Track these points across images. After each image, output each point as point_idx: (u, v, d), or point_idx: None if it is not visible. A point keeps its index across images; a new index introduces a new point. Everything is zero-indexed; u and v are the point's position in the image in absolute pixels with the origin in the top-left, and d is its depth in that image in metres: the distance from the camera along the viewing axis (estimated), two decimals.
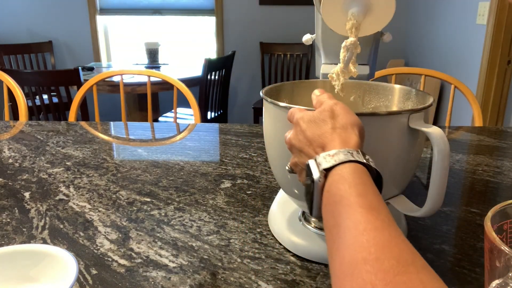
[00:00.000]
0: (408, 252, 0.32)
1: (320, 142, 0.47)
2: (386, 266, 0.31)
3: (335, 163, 0.42)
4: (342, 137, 0.46)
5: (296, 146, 0.50)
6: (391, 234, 0.34)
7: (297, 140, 0.50)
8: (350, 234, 0.35)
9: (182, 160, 0.97)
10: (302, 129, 0.49)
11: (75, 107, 1.49)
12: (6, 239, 0.65)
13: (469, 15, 2.60)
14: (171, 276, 0.56)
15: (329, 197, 0.41)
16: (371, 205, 0.37)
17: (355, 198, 0.38)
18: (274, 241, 0.64)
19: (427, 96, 0.60)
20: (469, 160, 0.97)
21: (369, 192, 0.39)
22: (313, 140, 0.47)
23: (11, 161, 0.97)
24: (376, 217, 0.36)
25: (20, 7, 3.80)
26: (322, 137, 0.47)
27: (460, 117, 2.66)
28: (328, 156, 0.44)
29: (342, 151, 0.43)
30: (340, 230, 0.36)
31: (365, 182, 0.40)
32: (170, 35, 3.95)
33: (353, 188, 0.39)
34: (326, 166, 0.43)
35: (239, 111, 4.05)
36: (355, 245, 0.33)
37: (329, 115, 0.48)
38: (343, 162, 0.42)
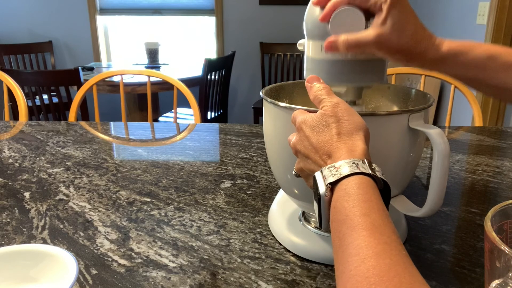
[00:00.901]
0: (409, 279, 0.33)
1: (326, 150, 0.46)
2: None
3: (340, 177, 0.42)
4: (348, 145, 0.45)
5: (301, 152, 0.49)
6: (392, 260, 0.34)
7: (302, 146, 0.49)
8: (352, 261, 0.35)
9: (182, 160, 0.97)
10: (306, 135, 0.48)
11: (75, 107, 1.49)
12: (6, 239, 0.65)
13: (469, 15, 2.60)
14: (171, 276, 0.56)
15: (335, 214, 0.41)
16: (375, 224, 0.37)
17: (358, 218, 0.38)
18: (274, 241, 0.64)
19: (427, 96, 0.60)
20: (469, 160, 0.97)
21: (373, 210, 0.39)
22: (318, 147, 0.46)
23: (11, 161, 0.97)
24: (379, 240, 0.36)
25: (20, 7, 3.80)
26: (328, 145, 0.46)
27: (460, 117, 2.66)
28: (334, 168, 0.43)
29: (347, 163, 0.43)
30: (344, 255, 0.37)
31: (370, 198, 0.40)
32: (170, 35, 3.95)
33: (357, 206, 0.39)
34: (331, 180, 0.42)
35: (239, 111, 4.05)
36: (356, 275, 0.34)
37: (333, 120, 0.47)
38: (349, 175, 0.42)
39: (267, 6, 3.73)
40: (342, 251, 0.37)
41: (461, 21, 2.73)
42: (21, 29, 3.83)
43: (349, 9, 0.51)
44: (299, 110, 0.52)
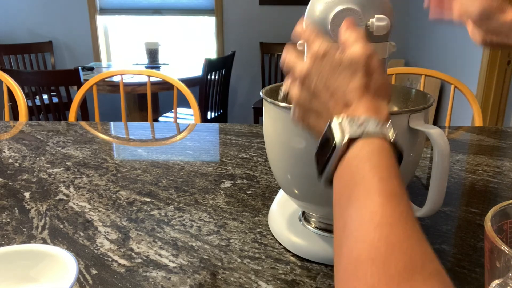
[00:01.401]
0: (420, 255, 0.30)
1: (346, 99, 0.41)
2: (392, 271, 0.29)
3: (363, 134, 0.38)
4: (373, 104, 0.40)
5: (312, 84, 0.43)
6: (406, 232, 0.31)
7: (317, 79, 0.43)
8: (363, 226, 0.32)
9: (182, 160, 0.97)
10: (325, 70, 0.43)
11: (75, 107, 1.49)
12: (6, 239, 0.65)
13: None
14: (171, 276, 0.56)
15: (347, 173, 0.37)
16: (392, 192, 0.34)
17: (377, 183, 0.34)
18: (274, 241, 0.64)
19: (427, 96, 0.60)
20: (469, 160, 0.97)
21: (392, 177, 0.35)
22: (337, 91, 0.41)
23: (11, 161, 0.97)
24: (395, 209, 0.33)
25: (20, 7, 3.80)
26: (350, 94, 0.41)
27: (460, 117, 2.66)
28: (357, 121, 0.38)
29: (372, 121, 0.38)
30: (353, 217, 0.33)
31: (390, 165, 0.36)
32: (170, 35, 3.95)
33: (376, 170, 0.35)
34: (354, 135, 0.38)
35: (239, 111, 4.05)
36: (366, 242, 0.31)
37: (363, 70, 0.41)
38: (372, 135, 0.38)
39: (267, 6, 3.73)
40: (349, 214, 0.34)
41: None
42: (21, 29, 3.83)
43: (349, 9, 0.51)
44: (316, 34, 0.46)
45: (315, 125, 0.45)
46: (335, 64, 0.42)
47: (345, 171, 0.38)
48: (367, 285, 0.28)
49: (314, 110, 0.44)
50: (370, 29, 0.51)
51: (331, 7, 0.52)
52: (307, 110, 0.45)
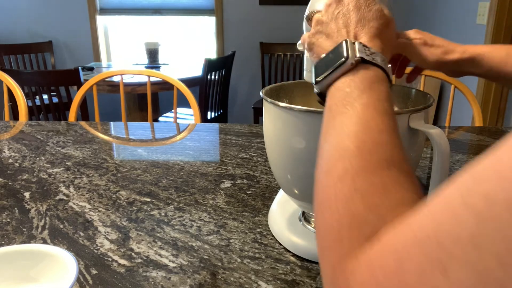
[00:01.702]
0: (400, 158, 0.33)
1: (359, 33, 0.45)
2: (374, 160, 0.32)
3: (370, 60, 0.41)
4: (382, 45, 0.44)
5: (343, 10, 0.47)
6: (391, 139, 0.35)
7: (347, 4, 0.47)
8: (355, 127, 0.35)
9: (182, 160, 0.97)
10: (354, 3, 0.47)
11: (75, 107, 1.49)
12: (6, 239, 0.65)
13: (469, 15, 2.60)
14: (171, 276, 0.56)
15: (349, 85, 0.40)
16: (386, 111, 0.37)
17: (375, 101, 0.38)
18: (274, 241, 0.64)
19: (427, 96, 0.60)
20: (469, 160, 0.97)
21: (388, 101, 0.39)
22: (358, 22, 0.46)
23: (11, 161, 0.97)
24: (385, 122, 0.36)
25: (20, 7, 3.80)
26: (363, 30, 0.45)
27: (460, 117, 2.66)
28: (368, 50, 0.42)
29: (380, 56, 0.42)
30: (346, 121, 0.36)
31: (387, 92, 0.40)
32: (170, 35, 3.95)
33: (376, 92, 0.39)
34: (365, 57, 0.41)
35: (239, 111, 4.05)
36: (356, 137, 0.34)
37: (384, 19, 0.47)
38: (379, 66, 0.41)
39: (267, 6, 3.73)
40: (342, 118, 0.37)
41: (461, 21, 2.73)
42: (21, 29, 3.83)
43: None
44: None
45: (321, 44, 0.48)
46: (367, 4, 0.47)
47: (346, 83, 0.40)
48: (352, 167, 0.32)
49: (326, 32, 0.48)
50: None
51: None
52: (321, 29, 0.49)
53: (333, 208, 0.31)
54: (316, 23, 0.50)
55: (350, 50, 0.41)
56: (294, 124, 0.55)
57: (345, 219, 0.30)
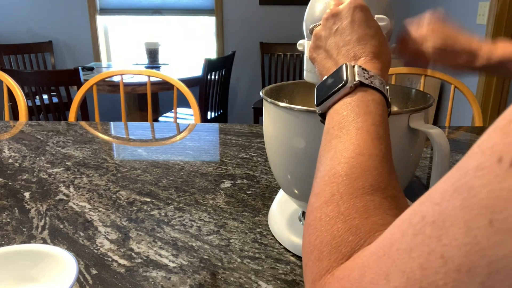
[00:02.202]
0: (386, 182, 0.35)
1: (358, 52, 0.45)
2: (359, 185, 0.34)
3: (370, 85, 0.42)
4: (381, 66, 0.45)
5: (341, 25, 0.47)
6: (380, 163, 0.36)
7: (343, 21, 0.47)
8: (346, 152, 0.37)
9: (182, 160, 0.97)
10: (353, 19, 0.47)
11: (75, 107, 1.49)
12: (6, 239, 0.65)
13: (469, 15, 2.60)
14: (171, 276, 0.56)
15: (346, 109, 0.41)
16: (379, 135, 0.39)
17: (369, 125, 0.39)
18: (274, 241, 0.64)
19: (427, 96, 0.60)
20: None
21: (383, 125, 0.40)
22: (355, 43, 0.46)
23: (11, 161, 0.97)
24: (377, 146, 0.38)
25: (20, 7, 3.80)
26: (364, 50, 0.45)
27: (460, 117, 2.66)
28: (367, 73, 0.42)
29: (378, 78, 0.43)
30: (339, 145, 0.38)
31: (383, 116, 0.41)
32: (170, 35, 3.95)
33: (372, 116, 0.40)
34: (363, 81, 0.42)
35: (239, 111, 4.05)
36: (346, 163, 0.36)
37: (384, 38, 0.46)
38: (377, 89, 0.42)
39: (267, 6, 3.73)
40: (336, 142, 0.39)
41: (461, 21, 2.73)
42: (21, 29, 3.83)
43: None
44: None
45: (321, 62, 0.49)
46: (364, 20, 0.46)
47: (344, 107, 0.42)
48: (338, 191, 0.35)
49: (326, 49, 0.48)
50: None
51: None
52: (320, 45, 0.49)
53: (318, 229, 0.34)
54: (316, 38, 0.50)
55: (349, 74, 0.42)
56: (294, 124, 0.55)
57: (326, 239, 0.32)
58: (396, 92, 0.69)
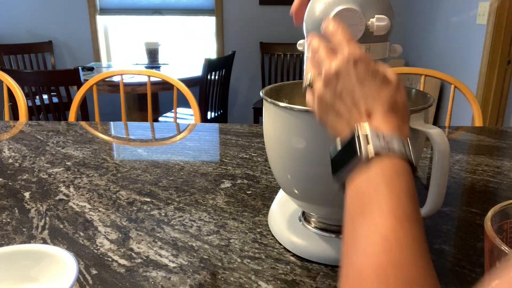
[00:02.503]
0: (422, 279, 0.32)
1: (370, 109, 0.41)
2: (391, 282, 0.31)
3: (387, 152, 0.38)
4: (397, 122, 0.41)
5: (339, 86, 0.43)
6: (413, 256, 0.33)
7: (345, 80, 0.43)
8: (374, 247, 0.34)
9: (182, 160, 0.97)
10: (355, 76, 0.43)
11: (75, 107, 1.49)
12: (6, 239, 0.65)
13: (469, 15, 2.60)
14: (171, 276, 0.56)
15: (366, 186, 0.38)
16: (407, 215, 0.35)
17: (393, 205, 0.35)
18: (274, 241, 0.64)
19: (427, 96, 0.60)
20: (469, 160, 0.97)
21: (409, 200, 0.36)
22: (363, 100, 0.42)
23: (11, 161, 0.97)
24: (406, 234, 0.34)
25: (20, 7, 3.80)
26: (376, 106, 0.41)
27: (460, 117, 2.66)
28: (381, 138, 0.39)
29: (397, 140, 0.39)
30: (364, 233, 0.35)
31: (409, 187, 0.37)
32: (170, 35, 3.95)
33: (395, 192, 0.36)
34: (381, 151, 0.38)
35: (239, 111, 4.05)
36: (375, 262, 0.33)
37: (393, 85, 0.42)
38: (394, 154, 0.38)
39: (267, 6, 3.73)
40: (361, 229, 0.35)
41: (461, 21, 2.73)
42: (21, 29, 3.83)
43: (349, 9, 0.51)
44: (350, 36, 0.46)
45: (332, 124, 0.46)
46: (368, 73, 0.43)
47: (363, 184, 0.38)
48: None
49: (335, 110, 0.44)
50: (370, 29, 0.51)
51: (331, 7, 0.52)
52: (328, 108, 0.45)
53: None
54: (320, 100, 0.46)
55: (363, 145, 0.39)
56: (294, 124, 0.55)
57: None
58: None
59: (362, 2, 0.51)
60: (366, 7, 0.51)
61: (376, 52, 0.54)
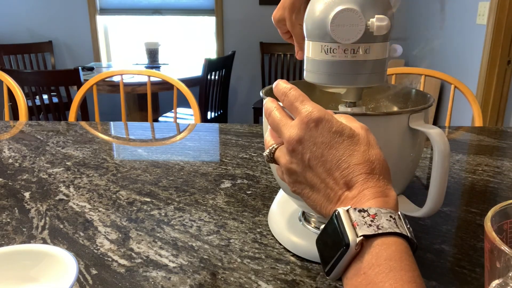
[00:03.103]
0: None
1: (347, 178, 0.36)
2: None
3: (377, 232, 0.33)
4: (380, 188, 0.36)
5: (306, 155, 0.38)
6: None
7: (311, 147, 0.38)
8: None
9: (182, 160, 0.97)
10: (320, 140, 0.38)
11: (75, 107, 1.49)
12: (6, 239, 0.65)
13: (469, 15, 2.60)
14: (171, 276, 0.56)
15: (364, 277, 0.33)
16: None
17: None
18: (274, 241, 0.64)
19: (427, 96, 0.60)
20: (469, 160, 0.97)
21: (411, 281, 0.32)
22: (337, 167, 0.37)
23: (11, 161, 0.97)
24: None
25: (20, 7, 3.80)
26: (352, 172, 0.36)
27: (460, 117, 2.66)
28: (367, 215, 0.34)
29: (383, 214, 0.34)
30: None
31: (410, 270, 0.33)
32: (170, 35, 3.95)
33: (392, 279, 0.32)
34: (367, 232, 0.33)
35: (239, 111, 4.05)
36: None
37: (364, 142, 0.38)
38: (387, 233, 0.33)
39: (267, 6, 3.73)
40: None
41: (461, 21, 2.73)
42: (21, 29, 3.83)
43: (349, 9, 0.51)
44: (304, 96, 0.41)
45: (310, 199, 0.41)
46: (332, 133, 0.38)
47: (361, 281, 0.33)
48: None
49: (308, 182, 0.40)
50: (370, 29, 0.51)
51: (331, 7, 0.52)
52: (299, 179, 0.41)
53: None
54: (290, 172, 0.41)
55: (348, 231, 0.34)
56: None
57: None
58: (396, 92, 0.69)
59: (362, 2, 0.51)
60: (366, 7, 0.51)
61: (376, 52, 0.54)
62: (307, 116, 0.39)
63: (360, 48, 0.53)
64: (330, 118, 0.39)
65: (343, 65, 0.55)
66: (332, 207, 0.38)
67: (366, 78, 0.57)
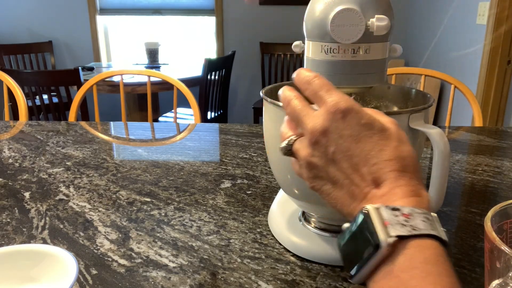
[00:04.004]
0: None
1: (376, 174, 0.34)
2: None
3: (413, 234, 0.30)
4: (413, 186, 0.33)
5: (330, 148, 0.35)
6: None
7: (336, 140, 0.35)
8: None
9: (182, 160, 0.97)
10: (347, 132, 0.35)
11: (75, 107, 1.49)
12: (6, 239, 0.65)
13: (469, 15, 2.60)
14: (171, 276, 0.56)
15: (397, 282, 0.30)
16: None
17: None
18: (274, 241, 0.64)
19: (427, 96, 0.60)
20: (469, 160, 0.97)
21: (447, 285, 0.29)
22: (364, 163, 0.34)
23: (11, 161, 0.97)
24: None
25: (20, 7, 3.80)
26: (382, 169, 0.33)
27: (460, 117, 2.66)
28: (400, 214, 0.31)
29: (417, 214, 0.31)
30: None
31: (445, 272, 0.30)
32: (170, 35, 3.95)
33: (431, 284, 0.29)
34: (402, 233, 0.30)
35: (239, 111, 4.05)
36: None
37: (395, 138, 0.35)
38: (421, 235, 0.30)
39: (267, 6, 3.73)
40: None
41: (461, 21, 2.73)
42: (21, 29, 3.83)
43: (349, 9, 0.51)
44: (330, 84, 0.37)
45: (331, 196, 0.37)
46: (361, 126, 0.35)
47: (392, 284, 0.30)
48: None
49: (330, 178, 0.36)
50: (370, 29, 0.51)
51: (331, 7, 0.52)
52: (321, 175, 0.37)
53: None
54: (310, 166, 0.38)
55: (378, 230, 0.31)
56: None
57: None
58: (396, 92, 0.69)
59: (362, 2, 0.51)
60: (366, 7, 0.51)
61: (376, 52, 0.54)
62: (334, 106, 0.35)
63: (360, 48, 0.53)
64: (359, 110, 0.35)
65: (343, 65, 0.55)
66: (356, 205, 0.35)
67: (366, 78, 0.57)
